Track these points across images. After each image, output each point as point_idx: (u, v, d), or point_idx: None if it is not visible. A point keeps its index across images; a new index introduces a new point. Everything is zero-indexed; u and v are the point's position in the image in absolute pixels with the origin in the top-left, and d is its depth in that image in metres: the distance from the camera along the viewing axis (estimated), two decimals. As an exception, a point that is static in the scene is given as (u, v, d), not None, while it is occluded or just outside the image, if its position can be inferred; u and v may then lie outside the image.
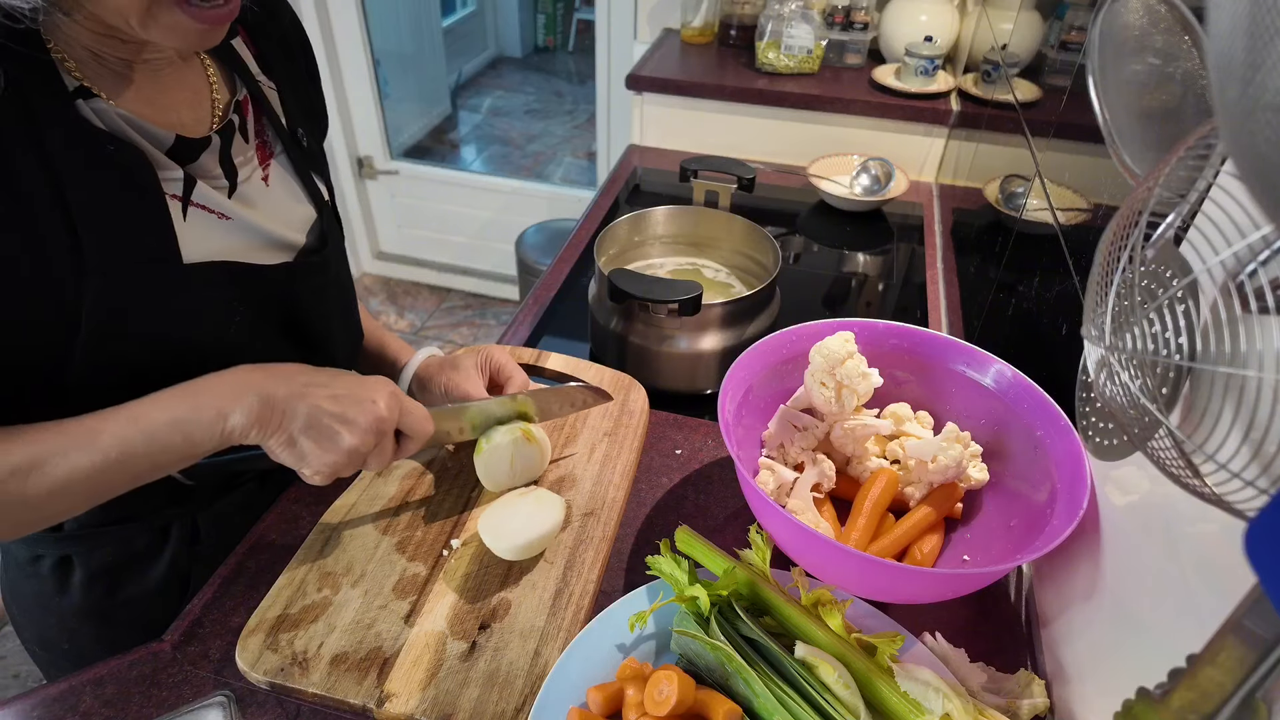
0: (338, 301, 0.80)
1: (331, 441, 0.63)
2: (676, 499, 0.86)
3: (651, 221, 1.18)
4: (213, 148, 0.66)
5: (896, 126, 1.67)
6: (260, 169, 0.72)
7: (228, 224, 0.67)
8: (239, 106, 0.70)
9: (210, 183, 0.66)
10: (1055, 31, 1.00)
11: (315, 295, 0.75)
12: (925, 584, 0.68)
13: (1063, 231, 0.81)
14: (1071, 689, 0.63)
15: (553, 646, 0.68)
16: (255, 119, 0.72)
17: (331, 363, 0.77)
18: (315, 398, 0.62)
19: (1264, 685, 0.38)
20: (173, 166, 0.63)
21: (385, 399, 0.65)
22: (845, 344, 0.77)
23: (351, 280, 0.85)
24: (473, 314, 2.95)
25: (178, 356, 0.64)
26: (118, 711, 0.65)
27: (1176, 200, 0.45)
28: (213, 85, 0.69)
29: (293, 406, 0.62)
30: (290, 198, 0.75)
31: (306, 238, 0.75)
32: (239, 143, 0.70)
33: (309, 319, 0.75)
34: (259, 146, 0.72)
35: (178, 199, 0.63)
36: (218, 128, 0.68)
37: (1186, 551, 0.51)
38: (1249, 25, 0.25)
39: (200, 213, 0.65)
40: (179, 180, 0.63)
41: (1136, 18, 0.53)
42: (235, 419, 0.60)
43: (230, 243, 0.67)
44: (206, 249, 0.65)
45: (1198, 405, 0.41)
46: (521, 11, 4.77)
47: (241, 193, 0.69)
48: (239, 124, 0.70)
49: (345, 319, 0.83)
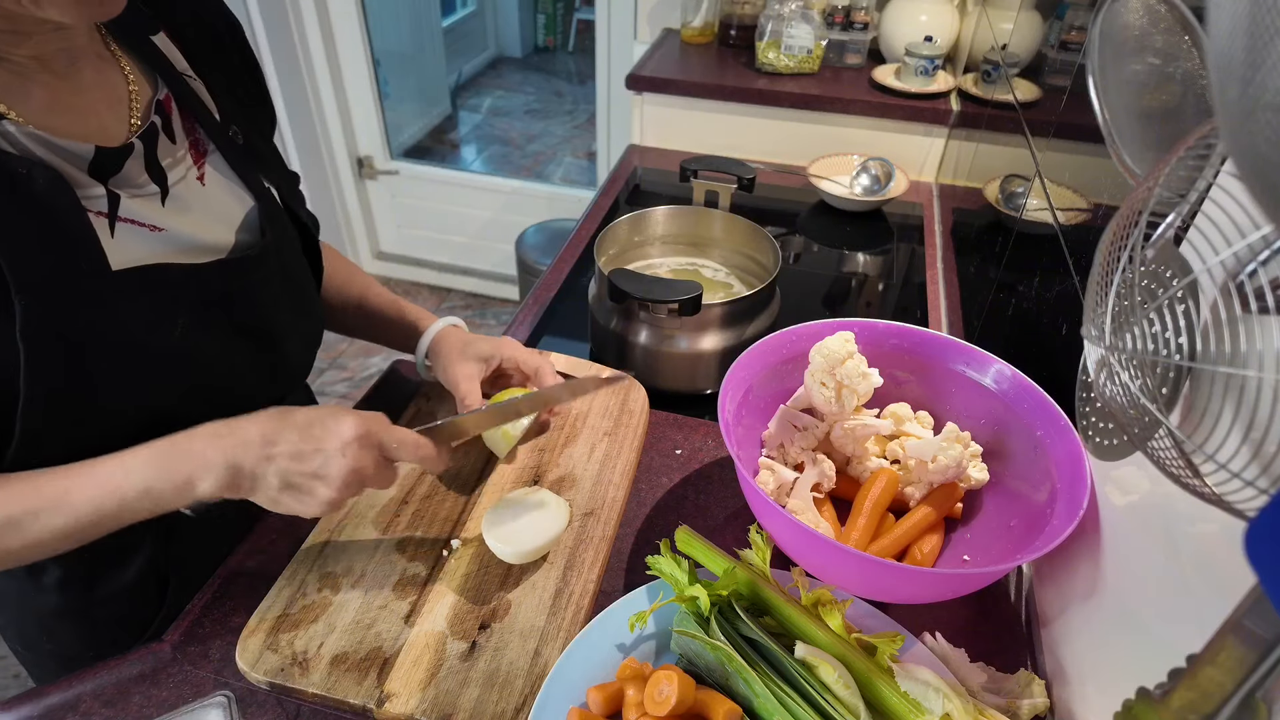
0: (285, 296, 0.77)
1: (311, 496, 0.63)
2: (676, 499, 0.86)
3: (651, 221, 1.18)
4: (136, 154, 0.63)
5: (896, 126, 1.67)
6: (195, 168, 0.69)
7: (159, 235, 0.64)
8: (160, 106, 0.67)
9: (138, 192, 0.64)
10: (1055, 31, 1.00)
11: (258, 290, 0.73)
12: (925, 584, 0.68)
13: (1063, 231, 0.81)
14: (1071, 689, 0.63)
15: (553, 646, 0.68)
16: (182, 117, 0.69)
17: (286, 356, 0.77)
18: (281, 461, 0.62)
19: (1264, 685, 0.38)
20: (94, 184, 0.61)
21: (354, 449, 0.63)
22: (845, 344, 0.77)
23: (306, 271, 0.82)
24: (473, 314, 2.95)
25: (126, 368, 0.63)
26: (118, 711, 0.65)
27: (1176, 200, 0.45)
28: (130, 83, 0.66)
29: (261, 472, 0.61)
30: (229, 196, 0.72)
31: (241, 235, 0.72)
32: (165, 144, 0.67)
33: (256, 313, 0.73)
34: (191, 145, 0.69)
35: (103, 215, 0.61)
36: (139, 130, 0.65)
37: (1186, 551, 0.51)
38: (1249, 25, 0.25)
39: (129, 228, 0.63)
40: (103, 198, 0.61)
41: (1136, 18, 0.53)
42: (204, 486, 0.61)
43: (161, 250, 0.65)
44: (136, 256, 0.63)
45: (1198, 405, 0.41)
46: (521, 11, 4.77)
47: (175, 195, 0.67)
48: (162, 124, 0.67)
49: (297, 312, 0.80)
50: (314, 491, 0.63)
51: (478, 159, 3.84)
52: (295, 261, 0.80)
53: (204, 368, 0.69)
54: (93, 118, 0.63)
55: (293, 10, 2.39)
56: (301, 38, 2.45)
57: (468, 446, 0.87)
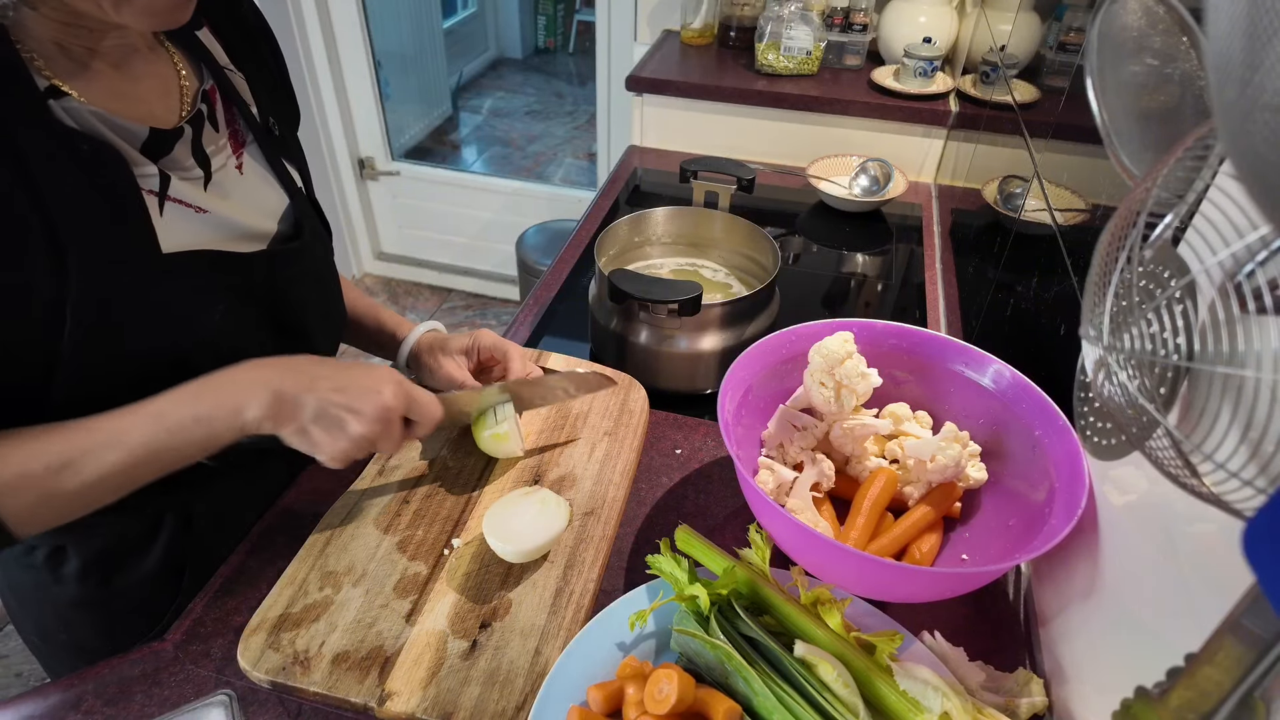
0: (315, 291, 0.81)
1: (341, 430, 0.66)
2: (676, 499, 0.86)
3: (651, 222, 1.18)
4: (185, 138, 0.67)
5: (895, 127, 1.67)
6: (234, 157, 0.73)
7: (204, 217, 0.67)
8: (206, 96, 0.70)
9: (185, 175, 0.67)
10: (1054, 33, 1.00)
11: (292, 284, 0.76)
12: (924, 583, 0.68)
13: (1061, 232, 0.81)
14: (1070, 688, 0.63)
15: (553, 645, 0.68)
16: (224, 108, 0.72)
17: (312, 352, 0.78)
18: (323, 390, 0.65)
19: (1262, 684, 0.38)
20: (147, 163, 0.63)
21: (391, 389, 0.68)
22: (844, 344, 0.77)
23: (334, 272, 0.86)
24: (473, 314, 2.95)
25: (164, 351, 0.65)
26: (120, 710, 0.65)
27: (1174, 201, 0.45)
28: (181, 74, 0.69)
29: (302, 399, 0.64)
30: (264, 185, 0.75)
31: (280, 225, 0.75)
32: (209, 132, 0.70)
33: (287, 308, 0.76)
34: (231, 135, 0.73)
35: (154, 194, 0.64)
36: (188, 117, 0.68)
37: (1185, 551, 0.51)
38: (1247, 26, 0.25)
39: (177, 207, 0.65)
40: (155, 176, 0.64)
41: (1135, 19, 0.53)
42: (251, 412, 0.63)
43: (207, 234, 0.68)
44: (183, 240, 0.65)
45: (1196, 405, 0.41)
46: (522, 13, 4.77)
47: (216, 182, 0.69)
48: (208, 113, 0.70)
49: (324, 309, 0.84)
50: (344, 425, 0.66)
51: (478, 160, 3.84)
52: (325, 258, 0.83)
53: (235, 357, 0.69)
54: (145, 104, 0.65)
55: (294, 11, 2.39)
56: (303, 39, 2.45)
57: (469, 447, 0.88)
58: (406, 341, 0.91)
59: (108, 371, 0.63)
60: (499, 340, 0.88)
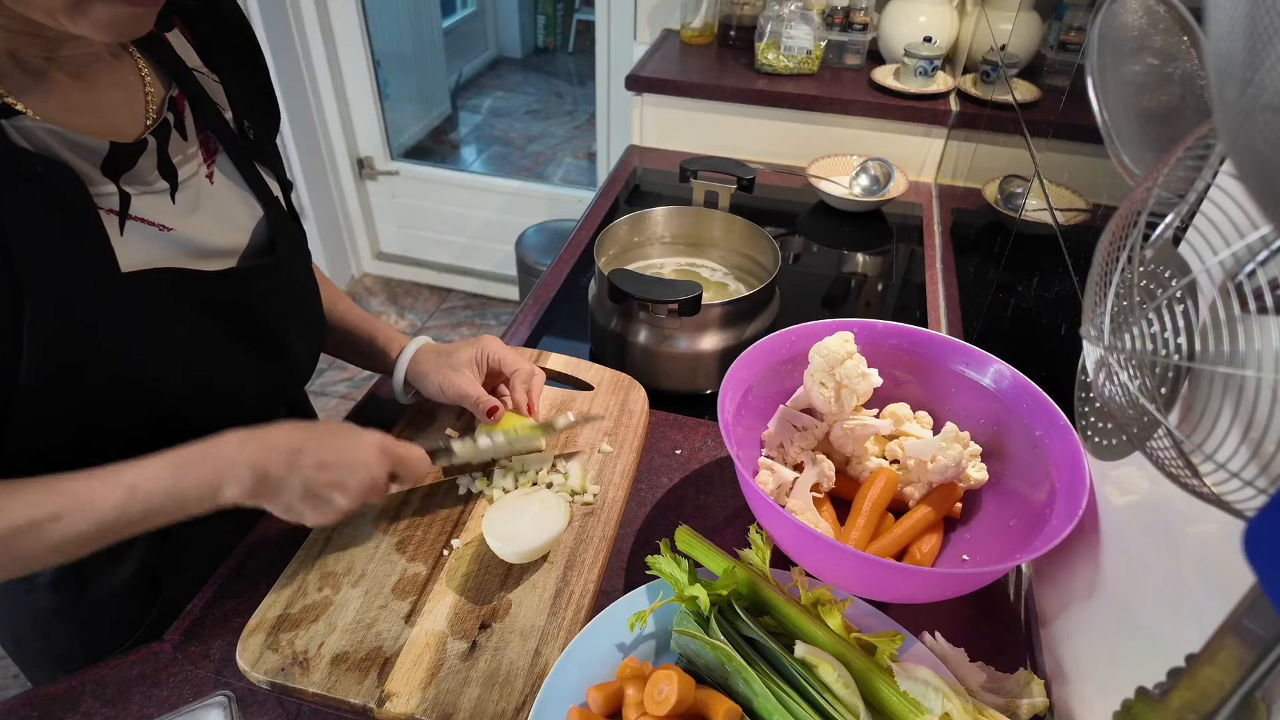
0: (292, 303, 0.77)
1: (327, 505, 0.66)
2: (676, 499, 0.86)
3: (651, 222, 1.18)
4: (150, 150, 0.64)
5: (896, 127, 1.67)
6: (204, 166, 0.69)
7: (168, 235, 0.64)
8: (173, 103, 0.67)
9: (148, 189, 0.64)
10: (1054, 32, 1.00)
11: (266, 298, 0.73)
12: (924, 583, 0.68)
13: (1062, 232, 0.81)
14: (1071, 688, 0.63)
15: (553, 646, 0.68)
16: (194, 115, 0.69)
17: (291, 362, 0.77)
18: (307, 468, 0.64)
19: (1263, 684, 0.38)
20: (106, 182, 0.60)
21: (376, 457, 0.68)
22: (845, 344, 0.77)
23: (312, 278, 0.83)
24: (473, 314, 2.95)
25: (130, 370, 0.63)
26: (118, 711, 0.65)
27: (1175, 200, 0.45)
28: (145, 81, 0.66)
29: (286, 481, 0.64)
30: (235, 196, 0.72)
31: (252, 238, 0.72)
32: (177, 141, 0.67)
33: (262, 322, 0.73)
34: (201, 144, 0.69)
35: (114, 213, 0.61)
36: (153, 127, 0.65)
37: (1185, 551, 0.51)
38: (1247, 26, 0.25)
39: (139, 226, 0.62)
40: (114, 195, 0.61)
41: (1135, 18, 0.53)
42: (230, 492, 0.62)
43: (171, 252, 0.65)
44: (145, 259, 0.62)
45: (1197, 405, 0.41)
46: (521, 12, 4.77)
47: (184, 193, 0.67)
48: (175, 121, 0.67)
49: (303, 319, 0.80)
50: (331, 501, 0.66)
51: (478, 159, 3.84)
52: (302, 267, 0.80)
53: (207, 371, 0.69)
54: (108, 116, 0.63)
55: (293, 11, 2.39)
56: (302, 38, 2.45)
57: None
58: (400, 363, 0.87)
59: (70, 394, 0.60)
60: (503, 348, 0.86)
